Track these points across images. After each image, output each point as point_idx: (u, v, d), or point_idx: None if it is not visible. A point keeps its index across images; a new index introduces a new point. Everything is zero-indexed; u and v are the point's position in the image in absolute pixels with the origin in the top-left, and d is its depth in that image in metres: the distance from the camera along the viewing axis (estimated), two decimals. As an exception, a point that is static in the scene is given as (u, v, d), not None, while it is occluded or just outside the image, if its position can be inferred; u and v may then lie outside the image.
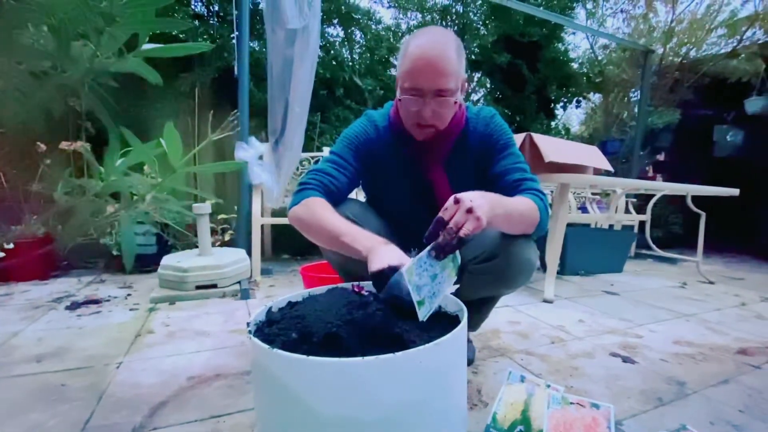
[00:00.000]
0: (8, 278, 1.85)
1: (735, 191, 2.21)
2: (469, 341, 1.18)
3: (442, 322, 0.68)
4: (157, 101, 2.22)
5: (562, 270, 2.31)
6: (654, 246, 2.39)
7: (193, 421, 0.85)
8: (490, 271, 0.89)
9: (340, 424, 0.48)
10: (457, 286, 0.75)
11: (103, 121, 0.50)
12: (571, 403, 0.74)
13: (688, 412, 0.93)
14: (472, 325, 1.16)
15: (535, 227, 0.86)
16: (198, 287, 1.69)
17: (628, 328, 1.50)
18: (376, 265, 0.67)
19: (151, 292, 1.67)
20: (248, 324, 0.61)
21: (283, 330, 0.62)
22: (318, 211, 0.82)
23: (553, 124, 4.23)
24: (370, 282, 0.80)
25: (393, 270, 0.65)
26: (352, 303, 0.67)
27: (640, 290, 2.12)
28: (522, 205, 0.83)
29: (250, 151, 1.82)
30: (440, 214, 0.70)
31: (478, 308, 1.09)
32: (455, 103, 0.86)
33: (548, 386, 0.79)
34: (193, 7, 2.47)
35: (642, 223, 2.73)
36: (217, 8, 2.48)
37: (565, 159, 1.66)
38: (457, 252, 0.76)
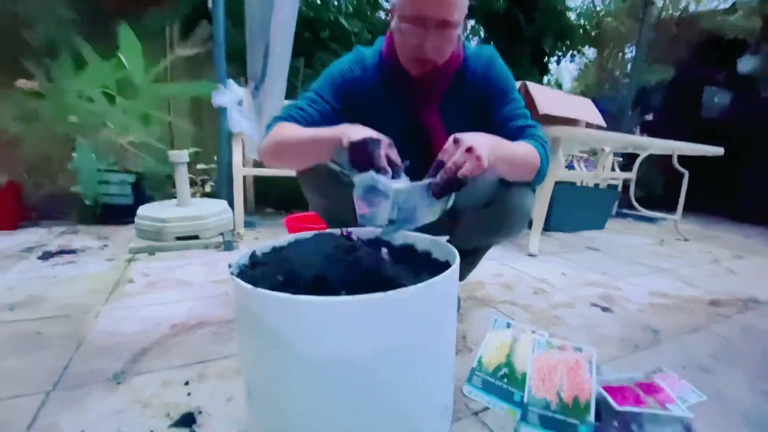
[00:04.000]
0: (-25, 228, 1.76)
1: (720, 150, 2.23)
2: (455, 292, 1.19)
3: (432, 269, 0.67)
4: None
5: (547, 227, 2.33)
6: (636, 204, 2.43)
7: (178, 366, 0.84)
8: (486, 218, 0.87)
9: (328, 367, 0.47)
10: (446, 237, 0.73)
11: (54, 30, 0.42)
12: (555, 347, 0.75)
13: (662, 357, 0.97)
14: (460, 275, 1.16)
15: (535, 173, 0.83)
16: (178, 238, 1.64)
17: (608, 281, 1.54)
18: (356, 135, 0.63)
19: (129, 243, 1.61)
20: (230, 265, 0.57)
21: (268, 273, 0.59)
22: (284, 131, 0.78)
23: (545, 79, 4.11)
24: (358, 228, 0.77)
25: (375, 142, 0.62)
26: (340, 247, 0.64)
27: (621, 247, 2.18)
28: (524, 149, 0.80)
29: (229, 96, 1.70)
30: (440, 156, 0.66)
31: (468, 258, 1.08)
32: (457, 36, 0.80)
33: (533, 332, 0.80)
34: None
35: (626, 183, 2.76)
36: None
37: (560, 112, 1.61)
38: (451, 198, 0.73)
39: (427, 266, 0.66)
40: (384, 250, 0.65)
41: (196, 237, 1.68)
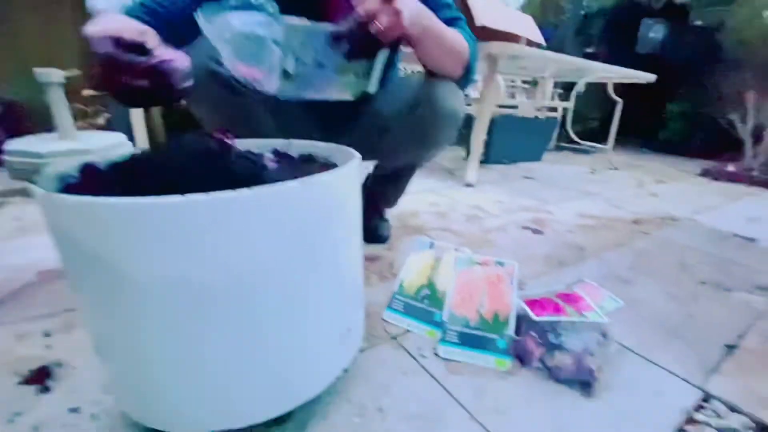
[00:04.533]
0: None
1: (652, 76, 2.25)
2: (386, 219, 1.10)
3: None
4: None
5: (487, 159, 2.30)
6: (572, 134, 2.45)
7: (39, 316, 0.69)
8: (412, 125, 0.76)
9: (169, 290, 0.35)
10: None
11: None
12: (477, 263, 0.69)
13: (585, 270, 0.97)
14: (389, 201, 1.07)
15: (463, 68, 0.73)
16: (65, 178, 1.37)
17: (540, 206, 1.54)
18: (99, 22, 0.44)
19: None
20: (38, 179, 0.42)
21: (107, 186, 0.44)
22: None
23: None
24: (251, 140, 0.62)
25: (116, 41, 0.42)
26: (209, 151, 0.50)
27: (556, 176, 2.21)
28: (453, 34, 0.68)
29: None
30: (354, 1, 0.54)
31: (396, 181, 0.99)
32: None
33: (456, 249, 0.73)
34: None
35: (564, 119, 2.76)
36: None
37: (498, 25, 1.48)
38: (373, 75, 0.61)
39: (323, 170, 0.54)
40: (269, 156, 0.52)
41: (88, 176, 1.41)
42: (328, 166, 0.59)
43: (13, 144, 1.36)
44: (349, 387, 0.55)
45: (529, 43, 1.73)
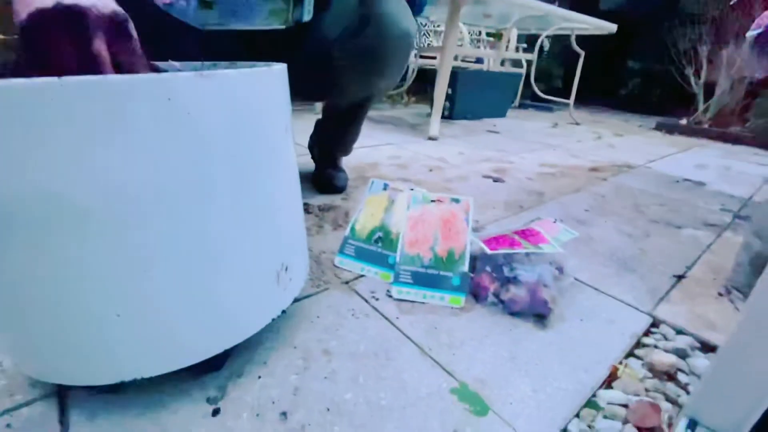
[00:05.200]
0: None
1: (613, 26, 2.24)
2: (342, 170, 1.04)
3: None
4: None
5: (450, 115, 2.25)
6: (536, 88, 2.43)
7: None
8: (359, 50, 0.68)
9: (40, 211, 0.28)
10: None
11: None
12: (432, 201, 0.66)
13: (543, 213, 0.96)
14: (343, 147, 1.00)
15: None
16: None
17: (502, 156, 1.52)
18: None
19: None
20: None
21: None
22: None
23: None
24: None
25: (72, 17, 0.29)
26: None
27: (519, 130, 2.20)
28: None
29: None
30: None
31: (348, 121, 0.91)
32: None
33: (411, 189, 0.69)
34: None
35: (528, 72, 2.73)
36: None
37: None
38: (305, 4, 0.54)
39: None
40: (174, 64, 0.44)
41: None
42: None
43: None
44: (293, 332, 0.51)
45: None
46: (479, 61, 2.92)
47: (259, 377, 0.43)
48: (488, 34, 2.81)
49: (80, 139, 0.27)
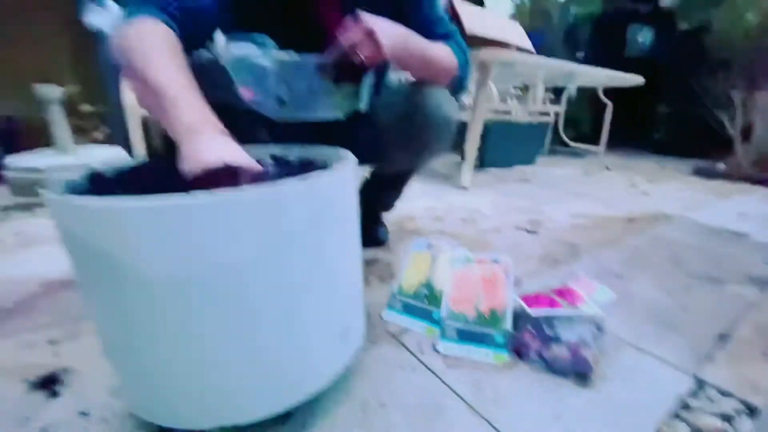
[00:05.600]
0: None
1: (639, 79, 2.30)
2: (383, 224, 1.12)
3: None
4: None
5: (481, 163, 2.33)
6: (564, 137, 2.49)
7: (45, 325, 0.70)
8: (407, 134, 0.79)
9: (173, 289, 0.37)
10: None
11: None
12: (473, 261, 0.71)
13: (579, 267, 0.99)
14: (386, 205, 1.09)
15: (451, 79, 0.77)
16: (65, 192, 1.39)
17: (535, 206, 1.56)
18: (204, 156, 0.42)
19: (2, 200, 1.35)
20: (47, 187, 0.43)
21: (109, 188, 0.46)
22: (144, 47, 0.49)
23: (481, 17, 3.99)
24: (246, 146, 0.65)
25: (230, 172, 0.41)
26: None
27: (549, 178, 2.24)
28: (440, 50, 0.73)
29: (107, 16, 1.39)
30: (338, 33, 0.60)
31: (392, 185, 1.01)
32: None
33: (453, 248, 0.75)
34: None
35: (557, 120, 2.81)
36: None
37: (488, 32, 1.52)
38: (362, 97, 0.65)
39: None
40: (268, 161, 0.54)
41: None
42: (324, 166, 0.61)
43: (13, 160, 1.38)
44: (351, 384, 0.56)
45: (520, 50, 1.77)
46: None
47: (324, 428, 0.48)
48: (514, 86, 2.94)
49: (212, 235, 0.36)
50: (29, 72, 1.63)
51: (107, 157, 1.47)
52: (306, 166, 0.63)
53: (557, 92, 2.89)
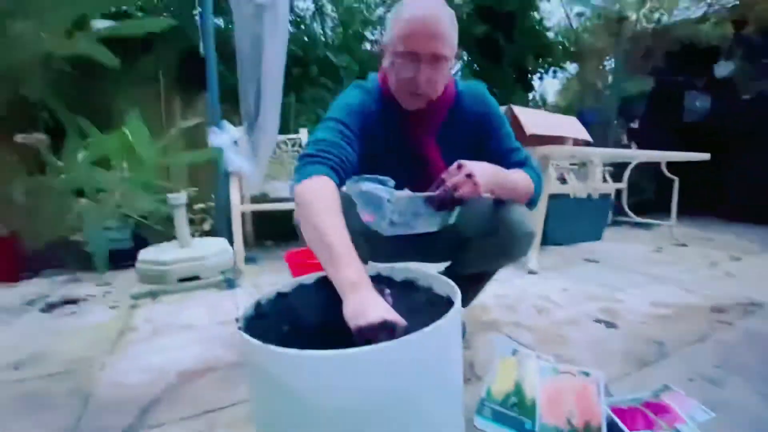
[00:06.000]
0: (-25, 283, 1.75)
1: (706, 156, 2.28)
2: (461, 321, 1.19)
3: (434, 305, 0.68)
4: (119, 87, 2.08)
5: (545, 241, 2.35)
6: (630, 213, 2.46)
7: (187, 417, 0.83)
8: (491, 245, 0.91)
9: (337, 416, 0.48)
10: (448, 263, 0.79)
11: (57, 111, 0.45)
12: (562, 372, 0.76)
13: (669, 371, 0.98)
14: (465, 302, 1.17)
15: (529, 198, 0.92)
16: (180, 280, 1.64)
17: (609, 293, 1.55)
18: (369, 313, 0.53)
19: (131, 289, 1.62)
20: (237, 319, 0.59)
21: (274, 323, 0.61)
22: (316, 203, 0.66)
23: (530, 95, 4.22)
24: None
25: (389, 329, 0.52)
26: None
27: (619, 257, 2.20)
28: (520, 178, 0.89)
29: (224, 137, 1.74)
30: (443, 174, 0.77)
31: (473, 284, 1.10)
32: (449, 70, 0.85)
33: (539, 357, 0.81)
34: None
35: (618, 191, 2.80)
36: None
37: (546, 131, 1.66)
38: (453, 215, 0.81)
39: (428, 302, 0.68)
40: (386, 291, 0.67)
41: (197, 278, 1.68)
42: (429, 292, 0.73)
43: (144, 253, 1.67)
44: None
45: (576, 141, 1.88)
46: (562, 179, 3.08)
47: None
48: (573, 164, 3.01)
49: (370, 375, 0.47)
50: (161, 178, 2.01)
51: (215, 248, 1.73)
52: (410, 288, 0.76)
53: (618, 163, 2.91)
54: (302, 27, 2.69)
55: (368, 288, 0.58)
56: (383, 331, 0.51)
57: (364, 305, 0.54)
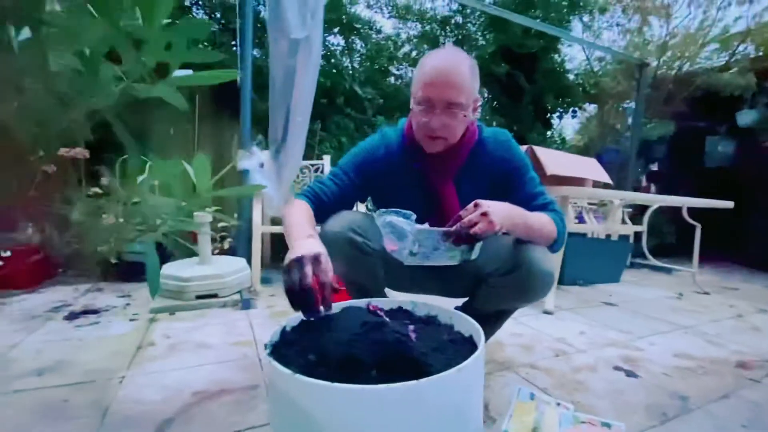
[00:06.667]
0: (4, 286, 1.81)
1: (729, 204, 2.25)
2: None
3: (457, 343, 0.69)
4: (155, 108, 2.20)
5: (561, 280, 2.32)
6: (650, 257, 2.42)
7: (201, 439, 0.84)
8: (510, 284, 0.91)
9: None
10: (466, 298, 0.96)
11: (126, 146, 0.50)
12: (582, 422, 0.75)
13: (693, 428, 0.94)
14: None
15: (551, 241, 0.93)
16: (198, 297, 1.68)
17: (629, 340, 1.51)
18: (291, 254, 0.67)
19: (151, 302, 1.65)
20: (266, 346, 0.61)
21: (300, 352, 0.62)
22: (290, 210, 0.87)
23: (549, 133, 4.27)
24: (384, 300, 0.83)
25: (299, 262, 0.65)
26: (367, 324, 0.67)
27: (638, 301, 2.14)
28: (541, 220, 0.90)
29: (252, 160, 1.81)
30: (461, 212, 0.80)
31: (492, 322, 1.10)
32: (465, 117, 0.88)
33: (558, 404, 0.79)
34: (194, 14, 2.47)
35: (638, 233, 2.76)
36: (219, 15, 2.48)
37: (566, 171, 1.68)
38: (474, 251, 0.84)
39: (450, 341, 0.68)
40: (410, 327, 0.68)
41: (215, 295, 1.71)
42: (452, 331, 0.74)
43: (167, 268, 1.72)
44: None
45: (595, 182, 1.89)
46: (581, 219, 3.06)
47: None
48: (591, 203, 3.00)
49: (394, 411, 0.48)
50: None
51: (233, 267, 1.77)
52: (430, 322, 0.77)
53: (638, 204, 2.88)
54: (332, 60, 2.83)
55: (318, 239, 0.74)
56: (314, 260, 0.64)
57: (295, 247, 0.70)
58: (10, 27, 0.33)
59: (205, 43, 2.48)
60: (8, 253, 1.61)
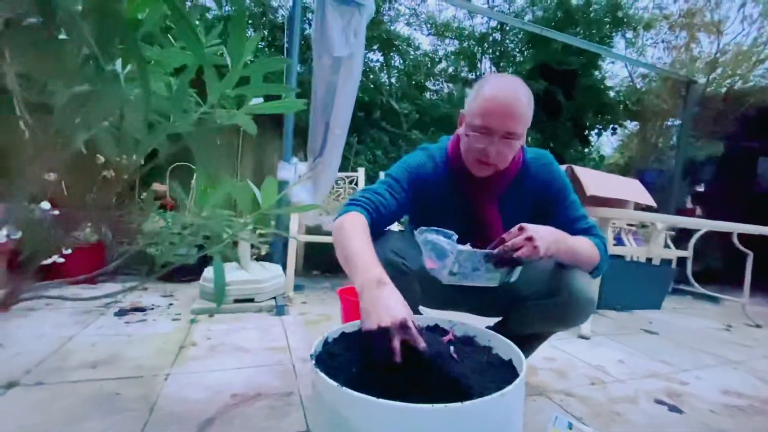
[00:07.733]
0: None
1: (787, 233, 2.11)
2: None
3: (495, 366, 0.69)
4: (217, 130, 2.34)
5: (598, 304, 2.23)
6: (696, 284, 2.30)
7: (240, 440, 0.87)
8: (549, 308, 0.90)
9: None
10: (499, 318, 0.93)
11: (198, 165, 0.55)
12: (624, 456, 0.72)
13: (744, 473, 0.89)
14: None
15: (593, 267, 0.92)
16: (236, 300, 1.74)
17: (672, 372, 1.44)
18: (370, 323, 0.59)
19: (192, 303, 1.73)
20: (311, 356, 0.63)
21: (344, 364, 0.64)
22: (348, 227, 0.79)
23: (586, 150, 4.16)
24: (421, 317, 0.83)
25: (383, 335, 0.58)
26: (407, 343, 0.68)
27: (682, 330, 2.03)
28: (585, 245, 0.89)
29: (291, 170, 1.88)
30: (504, 234, 0.80)
31: (527, 344, 1.08)
32: (518, 144, 0.89)
33: (597, 436, 0.77)
34: (243, 31, 2.62)
35: (681, 258, 2.63)
36: (266, 33, 2.62)
37: (607, 193, 1.63)
38: (514, 273, 0.82)
39: (490, 364, 0.69)
40: (452, 348, 0.69)
41: (251, 300, 1.78)
42: (491, 353, 0.74)
43: (207, 272, 1.80)
44: None
45: (637, 204, 1.83)
46: (619, 240, 2.94)
47: None
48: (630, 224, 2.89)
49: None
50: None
51: (269, 274, 1.83)
52: (468, 342, 0.77)
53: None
54: (371, 76, 2.90)
55: (392, 286, 0.65)
56: (401, 329, 0.58)
57: (371, 307, 0.61)
58: (117, 62, 0.38)
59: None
60: (69, 251, 1.74)
